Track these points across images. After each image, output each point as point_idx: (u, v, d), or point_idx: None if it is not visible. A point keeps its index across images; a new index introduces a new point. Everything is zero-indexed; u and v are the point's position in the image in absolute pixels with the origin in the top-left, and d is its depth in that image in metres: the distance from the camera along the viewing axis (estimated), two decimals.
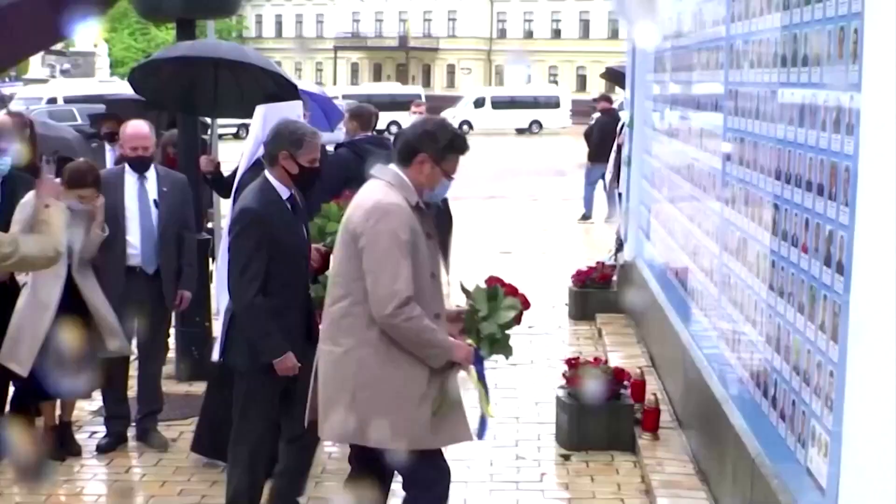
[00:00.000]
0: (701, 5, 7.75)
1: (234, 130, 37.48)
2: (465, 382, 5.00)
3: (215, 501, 6.41)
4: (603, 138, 17.71)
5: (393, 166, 4.91)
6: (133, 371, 7.54)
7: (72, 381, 6.60)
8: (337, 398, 4.84)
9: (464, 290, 5.10)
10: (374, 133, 9.92)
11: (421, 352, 4.77)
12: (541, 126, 55.83)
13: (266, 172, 5.68)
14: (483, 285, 5.08)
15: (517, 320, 4.98)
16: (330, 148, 8.61)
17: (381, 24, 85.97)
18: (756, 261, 5.68)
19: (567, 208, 20.25)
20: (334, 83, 75.30)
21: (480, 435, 5.10)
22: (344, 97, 35.09)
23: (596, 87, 74.56)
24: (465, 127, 55.28)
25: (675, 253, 8.51)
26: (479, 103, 57.21)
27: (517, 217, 19.88)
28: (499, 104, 57.07)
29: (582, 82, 78.54)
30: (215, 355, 5.85)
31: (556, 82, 72.86)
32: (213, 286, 9.64)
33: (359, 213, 4.78)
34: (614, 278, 11.55)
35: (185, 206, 7.39)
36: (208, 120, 9.84)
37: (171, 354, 9.02)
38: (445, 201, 8.15)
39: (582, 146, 20.06)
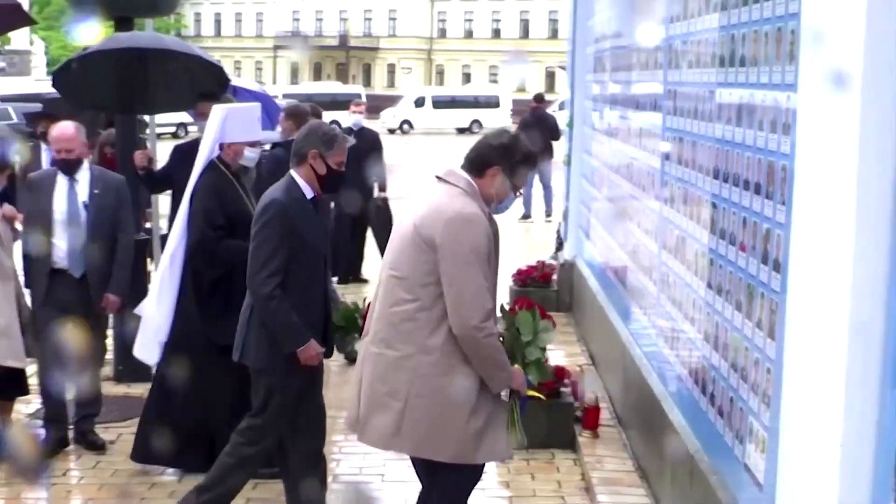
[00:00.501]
0: (640, 5, 7.80)
1: (172, 130, 37.20)
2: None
3: None
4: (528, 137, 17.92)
5: (464, 173, 4.84)
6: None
7: None
8: (386, 403, 4.72)
9: (503, 312, 5.05)
10: None
11: (489, 371, 4.67)
12: (481, 125, 55.84)
13: (292, 171, 5.64)
14: (515, 308, 5.08)
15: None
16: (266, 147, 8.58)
17: (321, 23, 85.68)
18: (694, 259, 5.72)
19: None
20: (274, 82, 74.98)
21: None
22: (284, 96, 34.91)
23: (536, 86, 74.73)
24: (406, 126, 55.30)
25: (615, 252, 8.56)
26: (419, 103, 57.20)
27: None
28: (439, 104, 57.11)
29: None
30: (235, 356, 5.78)
31: (496, 82, 73.01)
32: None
33: (437, 219, 4.65)
34: (555, 277, 11.59)
35: (120, 208, 7.26)
36: (146, 118, 9.77)
37: (110, 356, 8.94)
38: (386, 200, 8.18)
39: None
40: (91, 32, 9.15)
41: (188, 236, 6.48)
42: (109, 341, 9.02)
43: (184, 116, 8.62)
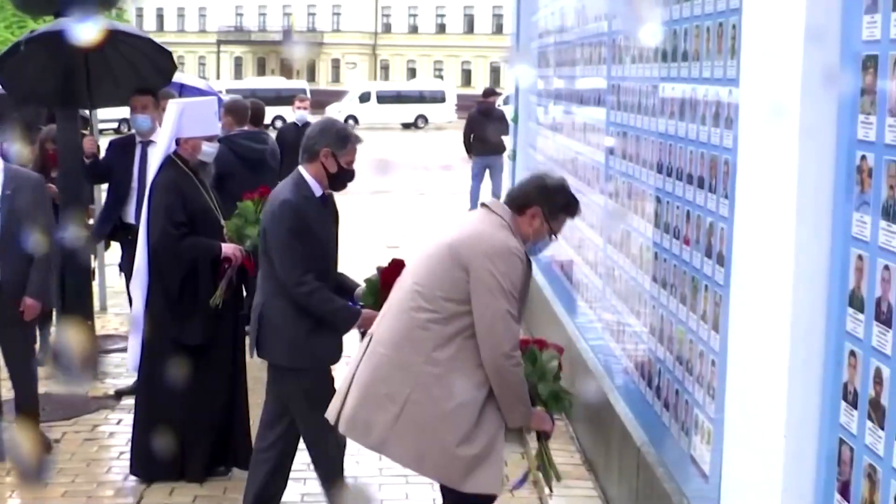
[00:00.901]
0: (584, 1, 7.83)
1: (114, 125, 36.82)
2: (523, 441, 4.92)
3: (101, 502, 6.31)
4: (472, 130, 18.09)
5: (507, 207, 4.83)
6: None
7: None
8: (383, 405, 4.67)
9: None
10: (255, 128, 9.84)
11: (511, 402, 4.64)
12: (426, 121, 55.91)
13: (301, 168, 5.60)
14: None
15: (561, 367, 4.93)
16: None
17: (264, 18, 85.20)
18: (639, 253, 5.76)
19: (454, 202, 20.31)
20: (217, 77, 74.46)
21: (518, 485, 5.09)
22: (227, 91, 34.68)
23: (481, 81, 74.80)
24: (351, 122, 55.10)
25: (561, 246, 8.59)
26: (364, 98, 57.06)
27: (404, 211, 19.87)
28: (384, 99, 57.01)
29: (467, 77, 78.84)
30: (252, 353, 5.74)
31: (441, 77, 73.03)
32: (95, 283, 9.52)
33: (478, 245, 4.62)
34: None
35: (37, 208, 6.85)
36: (87, 113, 9.67)
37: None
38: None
39: None
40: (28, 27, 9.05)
41: (148, 235, 6.44)
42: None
43: (127, 112, 8.48)
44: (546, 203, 4.82)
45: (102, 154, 8.52)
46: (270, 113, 37.19)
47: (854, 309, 3.21)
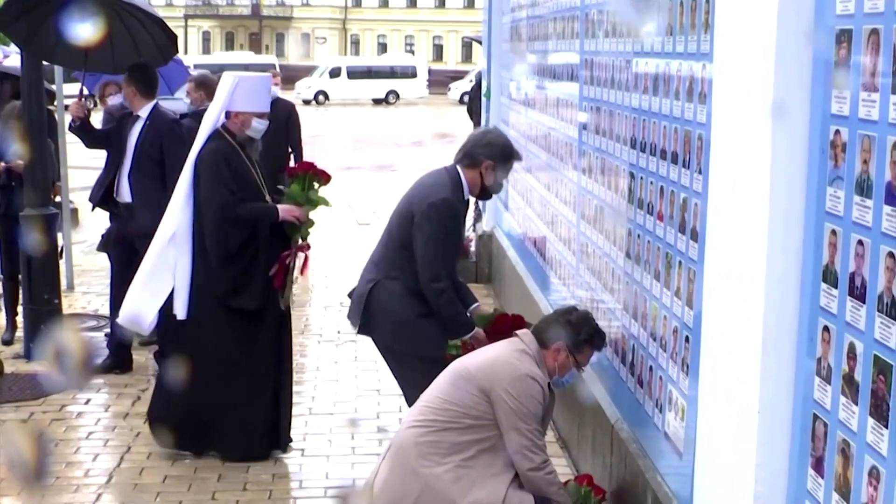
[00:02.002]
0: None
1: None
2: None
3: (70, 483, 6.30)
4: (472, 104, 18.04)
5: (535, 340, 5.12)
6: None
7: None
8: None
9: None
10: None
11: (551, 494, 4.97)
12: (398, 96, 55.80)
13: (460, 169, 5.86)
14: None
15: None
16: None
17: None
18: (613, 229, 5.77)
19: None
20: (185, 52, 73.94)
21: None
22: (195, 67, 34.47)
23: (453, 56, 74.66)
24: (321, 97, 54.96)
25: (534, 222, 8.60)
26: (334, 73, 56.85)
27: (375, 188, 19.84)
28: (355, 74, 56.84)
29: (439, 52, 78.68)
30: (353, 324, 5.97)
31: (412, 52, 72.85)
32: (62, 262, 9.46)
33: (501, 372, 4.96)
34: (473, 249, 11.63)
35: None
36: (53, 87, 9.59)
37: (20, 333, 8.82)
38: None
39: (439, 116, 20.10)
40: None
41: (200, 207, 6.40)
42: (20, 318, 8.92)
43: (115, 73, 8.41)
44: (570, 337, 5.12)
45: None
46: None
47: (828, 284, 3.23)
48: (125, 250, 7.97)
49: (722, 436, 3.83)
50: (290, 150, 12.52)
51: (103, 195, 8.19)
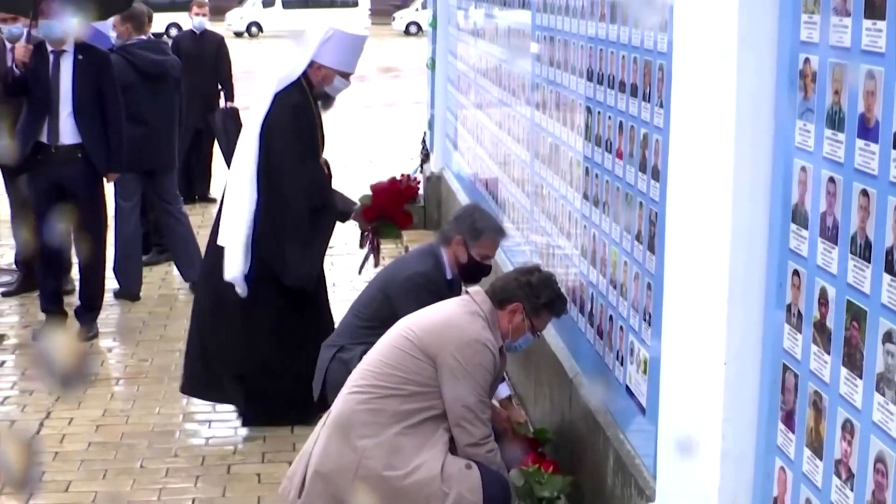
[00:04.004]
0: None
1: None
2: None
3: None
4: None
5: (489, 300, 5.04)
6: None
7: None
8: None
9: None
10: (150, 37, 9.68)
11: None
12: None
13: (442, 250, 5.84)
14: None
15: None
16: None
17: None
18: (569, 168, 5.77)
19: (369, 117, 20.20)
20: None
21: None
22: None
23: None
24: (254, 29, 54.45)
25: (485, 163, 8.58)
26: (268, 3, 56.25)
27: None
28: (290, 4, 56.24)
29: None
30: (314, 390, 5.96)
31: None
32: None
33: (448, 335, 4.91)
34: (421, 192, 11.59)
35: None
36: None
37: None
38: (236, 111, 8.12)
39: (383, 48, 19.96)
40: None
41: (274, 170, 6.35)
42: None
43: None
44: (528, 299, 5.03)
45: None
46: (164, 20, 36.57)
47: (798, 225, 3.24)
48: (52, 196, 7.88)
49: (687, 389, 3.85)
50: (219, 87, 12.42)
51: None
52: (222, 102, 12.36)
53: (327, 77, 6.51)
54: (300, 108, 6.41)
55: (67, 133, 7.90)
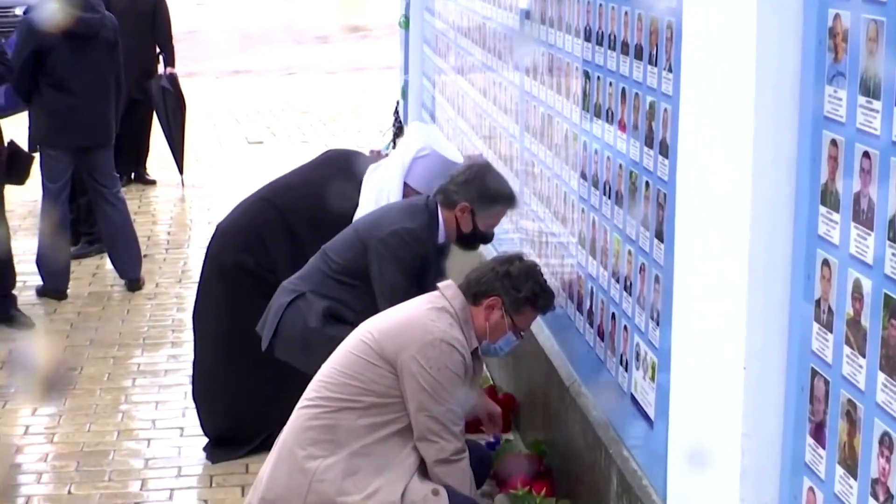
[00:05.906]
0: None
1: None
2: None
3: None
4: None
5: (460, 295, 5.01)
6: None
7: None
8: None
9: None
10: None
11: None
12: None
13: (440, 210, 5.78)
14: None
15: None
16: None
17: None
18: (564, 143, 5.77)
19: (333, 84, 20.17)
20: None
21: None
22: None
23: None
24: None
25: (467, 136, 8.59)
26: None
27: (270, 97, 19.67)
28: None
29: None
30: (265, 338, 5.90)
31: None
32: None
33: (409, 335, 4.87)
34: None
35: None
36: None
37: None
38: (174, 77, 8.09)
39: (348, 4, 19.97)
40: None
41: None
42: None
43: None
44: (507, 292, 4.99)
45: None
46: None
47: (827, 208, 3.24)
48: None
49: (701, 398, 3.86)
50: (157, 51, 12.38)
51: None
52: (161, 69, 12.32)
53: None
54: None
55: None
